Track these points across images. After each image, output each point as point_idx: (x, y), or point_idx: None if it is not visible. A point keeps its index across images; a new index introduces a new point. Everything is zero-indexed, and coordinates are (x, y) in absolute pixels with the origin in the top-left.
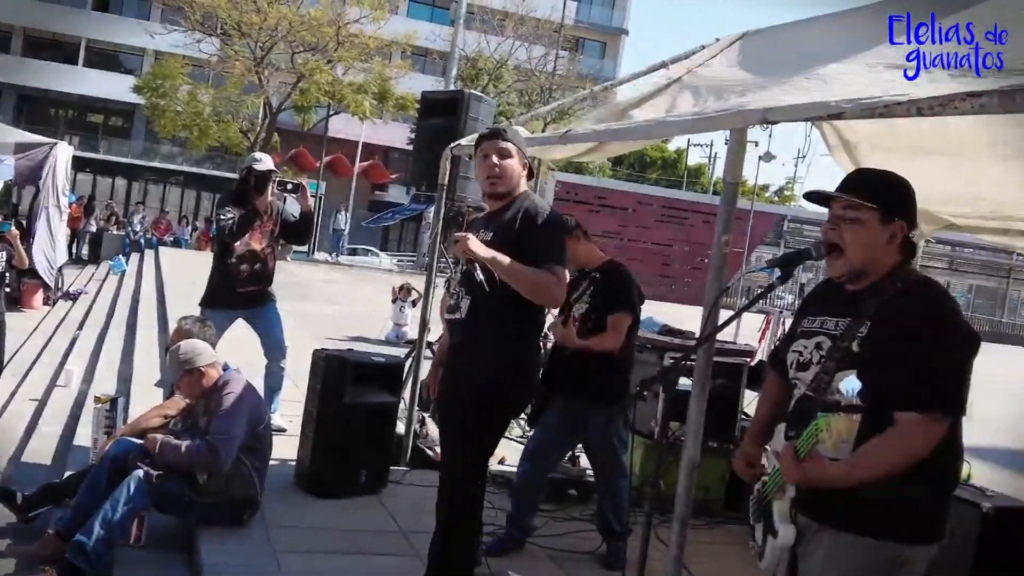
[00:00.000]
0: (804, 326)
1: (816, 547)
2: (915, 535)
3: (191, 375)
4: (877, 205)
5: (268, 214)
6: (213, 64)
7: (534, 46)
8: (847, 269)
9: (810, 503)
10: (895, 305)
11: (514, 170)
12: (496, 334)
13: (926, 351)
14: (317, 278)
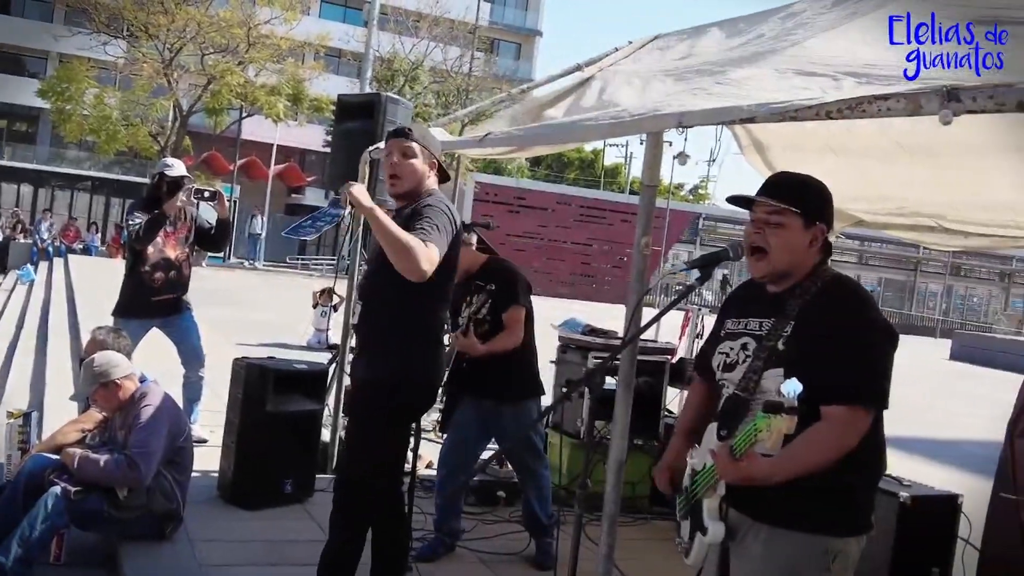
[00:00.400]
0: (728, 328)
1: (751, 543)
2: (846, 527)
3: (106, 388)
4: (800, 210)
5: (181, 220)
6: (120, 67)
7: (449, 47)
8: (770, 270)
9: (743, 500)
10: (816, 304)
11: (416, 170)
12: (387, 338)
13: (848, 348)
14: (234, 284)
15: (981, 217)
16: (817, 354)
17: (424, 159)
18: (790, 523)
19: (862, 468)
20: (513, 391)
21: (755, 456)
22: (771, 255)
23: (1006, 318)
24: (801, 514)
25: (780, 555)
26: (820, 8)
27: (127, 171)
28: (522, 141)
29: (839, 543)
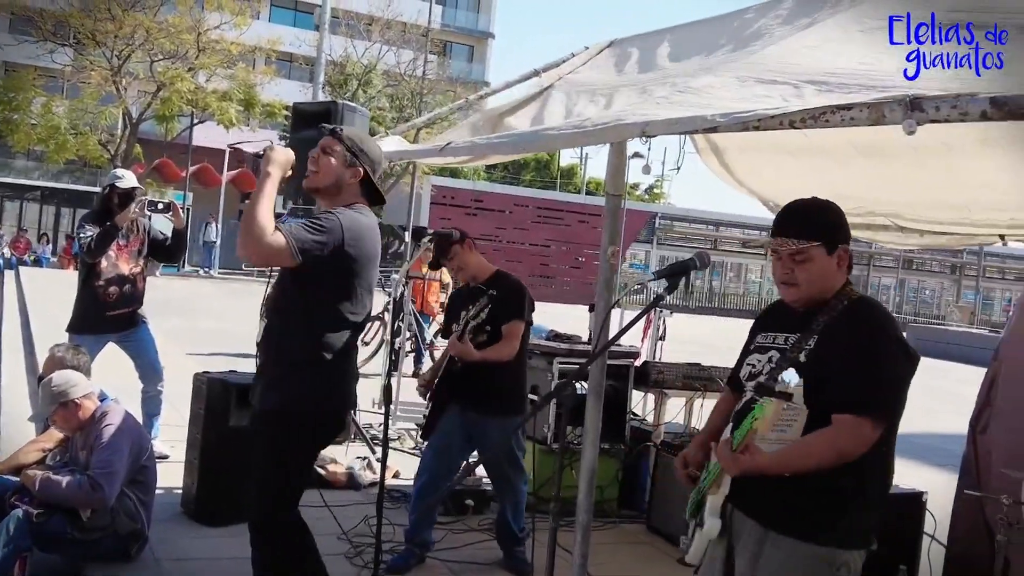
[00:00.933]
0: (758, 342)
1: (757, 549)
2: (852, 540)
3: (66, 408)
4: (821, 241)
5: (134, 232)
6: (68, 75)
7: (402, 50)
8: (802, 297)
9: (753, 506)
10: (840, 322)
11: (331, 169)
12: (288, 359)
13: (865, 362)
14: (189, 293)
15: (936, 216)
16: (835, 367)
17: (343, 163)
18: (798, 533)
19: (870, 483)
20: (503, 405)
21: (755, 449)
22: (802, 287)
23: (958, 310)
24: (809, 524)
25: (788, 564)
26: (774, 17)
27: (77, 180)
28: (483, 151)
29: (845, 555)
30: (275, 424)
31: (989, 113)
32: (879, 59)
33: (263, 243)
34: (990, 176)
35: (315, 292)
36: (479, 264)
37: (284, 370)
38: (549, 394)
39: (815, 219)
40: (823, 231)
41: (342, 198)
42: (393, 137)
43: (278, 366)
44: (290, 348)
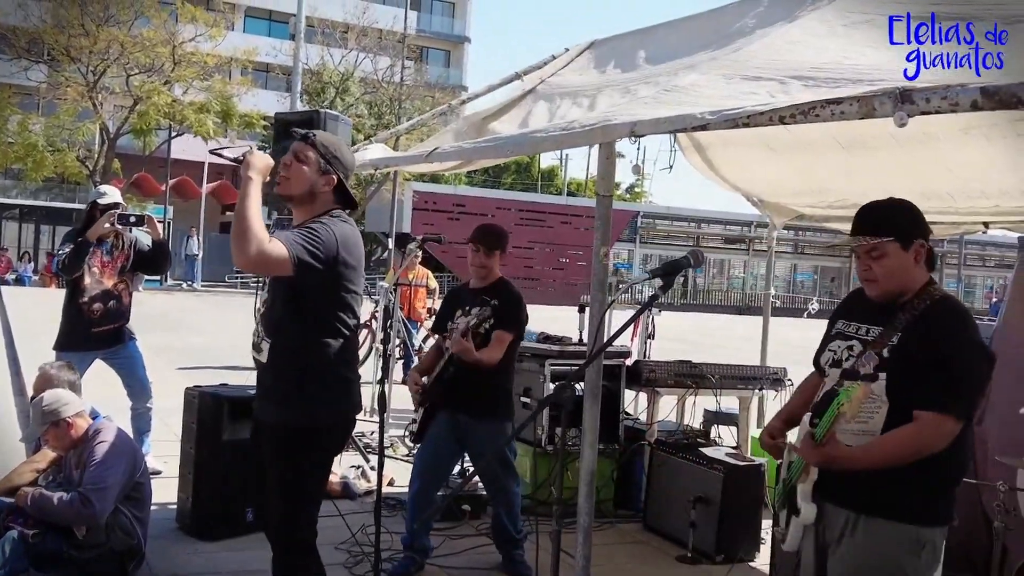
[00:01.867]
0: (839, 328)
1: (847, 534)
2: (935, 518)
3: (58, 427)
4: (894, 236)
5: (119, 248)
6: (43, 92)
7: (379, 57)
8: (882, 292)
9: (841, 493)
10: (923, 321)
11: (304, 176)
12: (300, 378)
13: (946, 362)
14: (175, 307)
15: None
16: (917, 366)
17: (316, 170)
18: (886, 512)
19: (952, 466)
20: (492, 409)
21: (836, 441)
22: (880, 282)
23: None
24: (896, 505)
25: (879, 544)
26: (753, 16)
27: (55, 197)
28: (471, 155)
29: (928, 532)
30: (291, 440)
31: (980, 103)
32: (863, 53)
33: (263, 250)
34: (974, 164)
35: (315, 305)
36: (496, 270)
37: (293, 386)
38: (548, 397)
39: (887, 216)
40: (896, 227)
41: (316, 206)
42: (377, 145)
43: (287, 382)
44: (297, 363)
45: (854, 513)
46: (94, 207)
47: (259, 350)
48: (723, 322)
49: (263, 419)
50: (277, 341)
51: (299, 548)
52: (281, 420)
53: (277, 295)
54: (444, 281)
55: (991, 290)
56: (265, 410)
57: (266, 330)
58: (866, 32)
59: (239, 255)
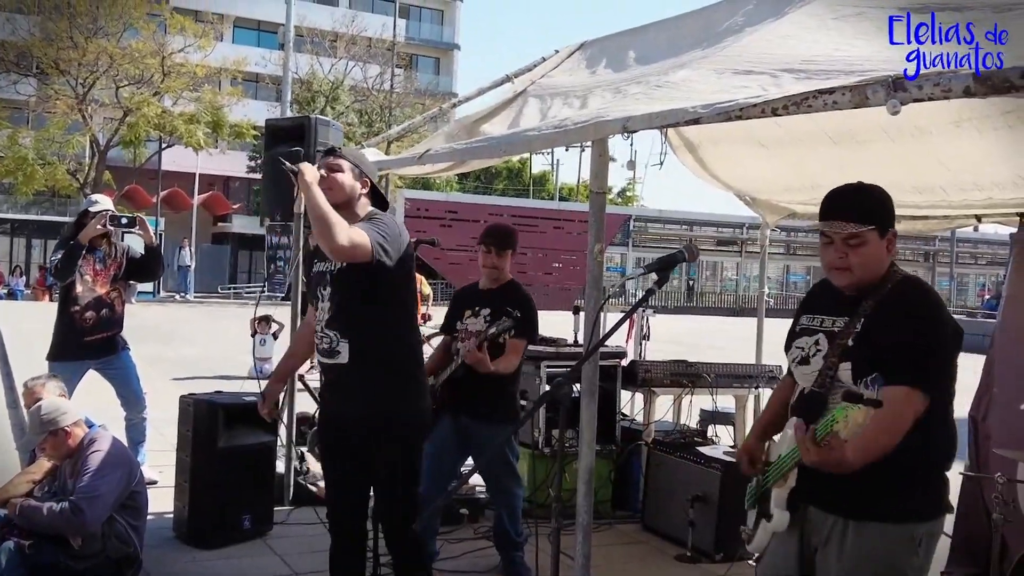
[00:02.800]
0: (803, 324)
1: (838, 540)
2: (928, 512)
3: (55, 436)
4: (876, 225)
5: (111, 257)
6: (32, 105)
7: (368, 65)
8: (854, 282)
9: (827, 498)
10: (887, 303)
11: (344, 183)
12: (392, 370)
13: (912, 338)
14: (168, 319)
15: (913, 200)
16: (883, 346)
17: (353, 176)
18: (876, 515)
19: (933, 452)
20: (497, 412)
21: (836, 441)
22: (855, 272)
23: None
24: (886, 505)
25: (874, 550)
26: (743, 14)
27: (47, 211)
28: (463, 156)
29: (923, 527)
30: (402, 431)
31: (972, 89)
32: (853, 45)
33: (350, 236)
34: (966, 157)
35: (391, 296)
36: (507, 270)
37: (388, 379)
38: (544, 394)
39: (869, 202)
40: (877, 215)
41: (356, 210)
42: (370, 149)
43: (379, 377)
44: (384, 357)
45: (842, 518)
46: (85, 215)
47: (334, 355)
48: (717, 324)
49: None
50: (358, 339)
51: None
52: (385, 417)
53: (347, 296)
54: (438, 287)
55: (983, 287)
56: (353, 409)
57: (341, 333)
58: (856, 25)
59: (329, 243)
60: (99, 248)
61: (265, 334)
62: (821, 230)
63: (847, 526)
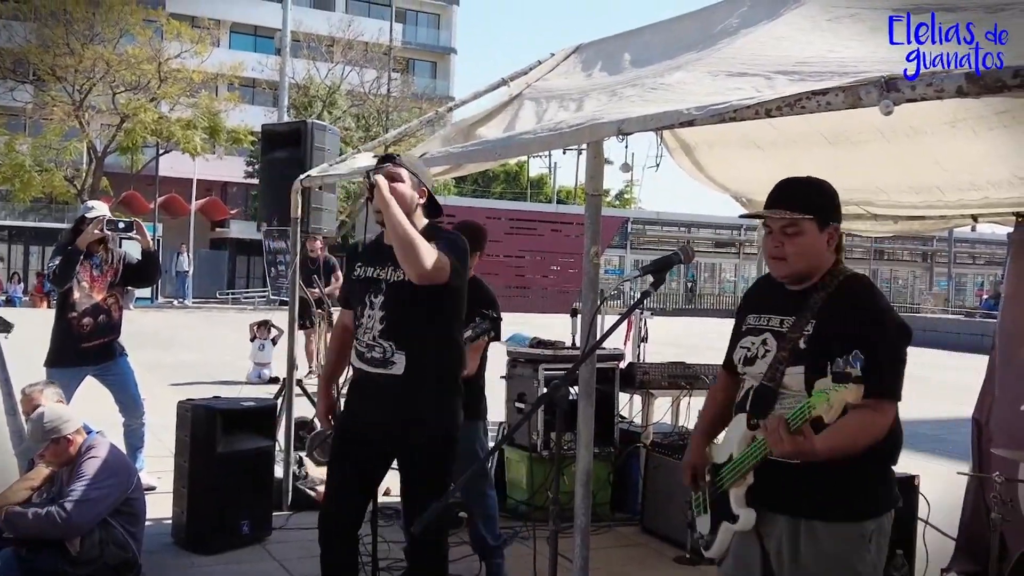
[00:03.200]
0: (749, 324)
1: (789, 540)
2: (877, 508)
3: (57, 444)
4: (814, 215)
5: (108, 263)
6: (29, 112)
7: (365, 70)
8: (791, 272)
9: (777, 498)
10: (835, 303)
11: (404, 195)
12: (439, 388)
13: (871, 346)
14: (166, 324)
15: (909, 200)
16: (839, 354)
17: (413, 185)
18: (828, 515)
19: (884, 452)
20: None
21: (809, 431)
22: (790, 261)
23: (932, 297)
24: (836, 504)
25: (826, 550)
26: (737, 15)
27: (44, 218)
28: (459, 159)
29: (873, 524)
30: (446, 447)
31: (965, 88)
32: (847, 46)
33: (435, 261)
34: (962, 157)
35: (454, 313)
36: None
37: (441, 395)
38: (542, 397)
39: (808, 194)
40: (816, 206)
41: (414, 221)
42: (365, 154)
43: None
44: (440, 373)
45: (792, 518)
46: (82, 222)
47: (388, 365)
48: (715, 325)
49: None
50: (417, 353)
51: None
52: (432, 432)
53: (408, 309)
54: None
55: (981, 287)
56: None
57: (397, 344)
58: (850, 26)
59: (416, 268)
60: (96, 254)
61: (264, 339)
62: (763, 219)
63: (798, 526)
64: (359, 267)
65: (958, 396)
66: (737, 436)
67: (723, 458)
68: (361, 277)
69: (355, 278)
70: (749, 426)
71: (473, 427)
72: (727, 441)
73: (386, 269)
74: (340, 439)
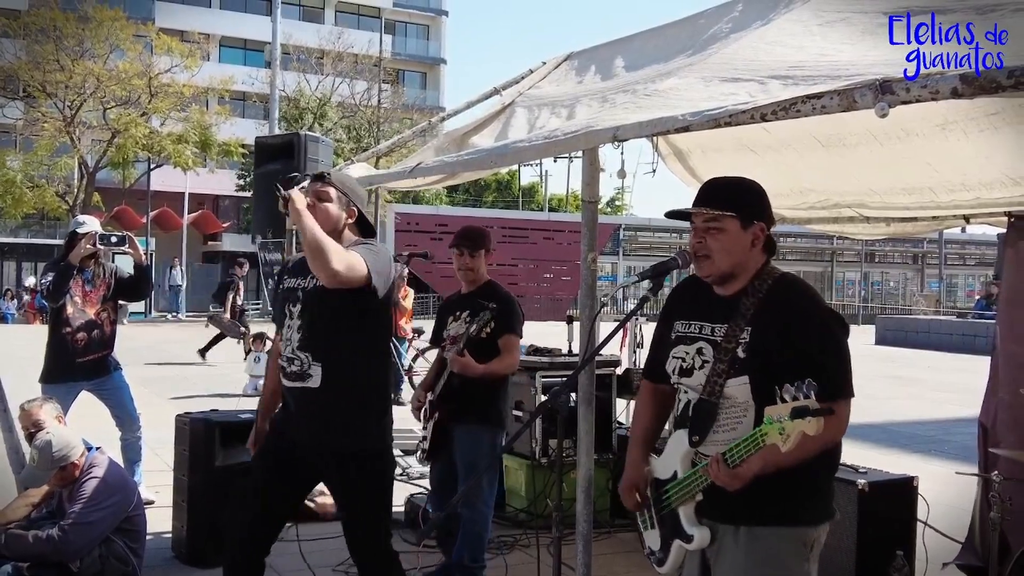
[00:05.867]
0: (679, 331)
1: (732, 547)
2: (818, 516)
3: (64, 470)
4: (736, 212)
5: (100, 277)
6: (20, 128)
7: (355, 81)
8: (714, 271)
9: (719, 507)
10: (768, 306)
11: (330, 214)
12: (365, 401)
13: (814, 348)
14: (161, 339)
15: (902, 202)
16: (783, 360)
17: (341, 205)
18: (769, 520)
19: (827, 459)
20: (491, 417)
21: (751, 462)
22: (714, 258)
23: (924, 299)
24: (779, 510)
25: (767, 552)
26: (728, 21)
27: (36, 234)
28: (453, 168)
29: (814, 532)
30: (373, 464)
31: (960, 90)
32: (840, 50)
33: (346, 261)
34: (953, 158)
35: (373, 324)
36: (483, 271)
37: (361, 410)
38: (542, 404)
39: (731, 192)
40: (738, 204)
41: (343, 240)
42: (359, 164)
43: (351, 407)
44: (359, 385)
45: (733, 527)
46: (74, 237)
47: (304, 378)
48: None
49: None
50: (334, 365)
51: (391, 557)
52: (357, 447)
53: (324, 318)
54: (430, 300)
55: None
56: (325, 438)
57: (314, 356)
58: (842, 30)
59: (325, 268)
60: (87, 269)
61: (260, 351)
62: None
63: (738, 533)
64: (287, 279)
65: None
66: (680, 453)
67: (667, 474)
68: (284, 288)
69: (279, 291)
70: (690, 443)
71: (496, 435)
72: (669, 456)
73: (306, 278)
74: (260, 458)
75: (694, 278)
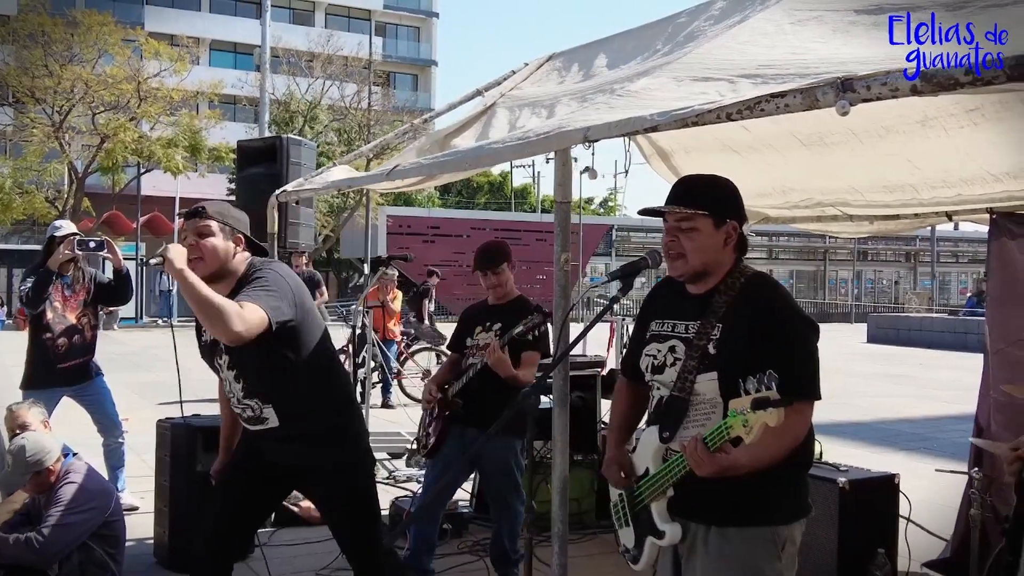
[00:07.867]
0: (653, 330)
1: (702, 547)
2: (791, 514)
3: (39, 475)
4: (708, 211)
5: (80, 282)
6: (8, 134)
7: (346, 84)
8: (688, 270)
9: (689, 506)
10: (740, 304)
11: (216, 248)
12: (323, 419)
13: (782, 347)
14: (152, 344)
15: (883, 199)
16: (751, 357)
17: (225, 236)
18: (739, 520)
19: (799, 456)
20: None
21: (729, 447)
22: (687, 257)
23: (916, 296)
24: (748, 509)
25: (735, 552)
26: (707, 19)
27: (26, 240)
28: (431, 170)
29: (786, 530)
30: (351, 474)
31: (919, 87)
32: (809, 48)
33: (244, 318)
34: (934, 155)
35: (301, 348)
36: (511, 285)
37: (324, 430)
38: (515, 405)
39: (703, 190)
40: (712, 202)
41: (236, 268)
42: (341, 166)
43: (314, 431)
44: (315, 408)
45: (704, 526)
46: (52, 241)
47: (262, 421)
48: None
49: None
50: (284, 403)
51: (385, 559)
52: (330, 463)
53: (255, 366)
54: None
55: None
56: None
57: (262, 399)
58: (813, 28)
59: (226, 333)
60: (66, 274)
61: None
62: (661, 210)
63: (709, 532)
64: (203, 332)
65: (946, 395)
66: (651, 449)
67: (639, 471)
68: (205, 341)
69: (201, 344)
70: (661, 439)
71: (509, 443)
72: (641, 453)
73: None
74: (234, 468)
75: (669, 279)
